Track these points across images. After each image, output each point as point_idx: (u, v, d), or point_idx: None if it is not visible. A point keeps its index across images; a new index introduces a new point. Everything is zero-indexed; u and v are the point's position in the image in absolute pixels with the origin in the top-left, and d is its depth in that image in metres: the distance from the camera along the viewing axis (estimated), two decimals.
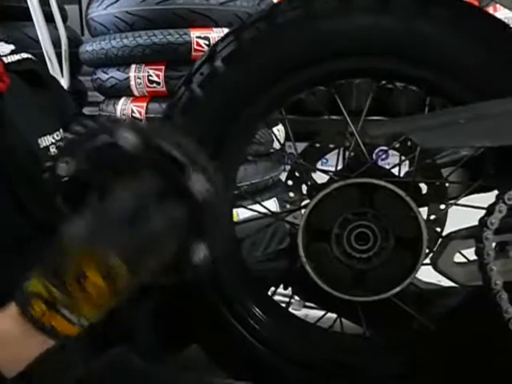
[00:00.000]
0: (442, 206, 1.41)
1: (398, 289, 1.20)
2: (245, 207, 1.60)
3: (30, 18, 2.48)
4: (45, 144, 1.05)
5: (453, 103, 1.16)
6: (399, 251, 1.21)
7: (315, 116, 2.98)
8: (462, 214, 1.31)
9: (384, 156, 3.18)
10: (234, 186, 1.35)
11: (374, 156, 1.38)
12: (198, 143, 1.20)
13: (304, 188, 1.46)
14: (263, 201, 2.48)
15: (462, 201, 1.34)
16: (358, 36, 1.15)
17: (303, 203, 1.42)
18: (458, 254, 1.15)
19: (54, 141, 1.06)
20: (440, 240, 1.24)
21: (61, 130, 1.09)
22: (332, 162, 1.48)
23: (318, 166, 1.51)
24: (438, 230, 1.41)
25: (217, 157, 1.23)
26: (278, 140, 2.20)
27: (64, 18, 2.81)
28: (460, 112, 1.03)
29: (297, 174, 1.48)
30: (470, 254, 1.12)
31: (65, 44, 2.51)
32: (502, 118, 1.00)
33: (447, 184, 1.37)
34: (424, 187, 1.39)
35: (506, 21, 1.18)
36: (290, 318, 1.41)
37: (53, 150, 1.06)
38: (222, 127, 1.22)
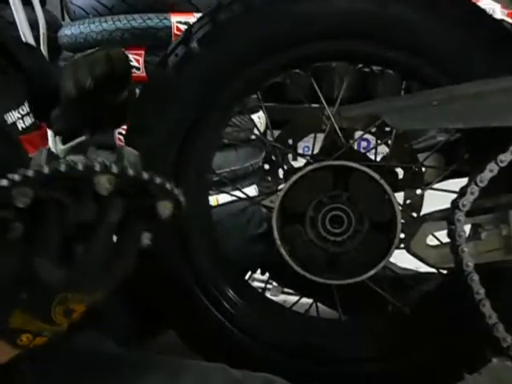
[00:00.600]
0: (418, 191, 1.41)
1: (372, 272, 1.21)
2: (223, 192, 1.60)
3: (6, 1, 2.44)
4: (11, 120, 1.03)
5: (428, 87, 1.16)
6: (374, 234, 1.21)
7: (296, 104, 2.97)
8: (440, 200, 1.32)
9: (366, 144, 3.19)
10: (210, 169, 1.34)
11: (355, 144, 1.38)
12: (173, 125, 1.22)
13: (281, 172, 1.46)
14: (243, 188, 2.48)
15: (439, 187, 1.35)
16: (334, 18, 1.14)
17: (280, 187, 1.42)
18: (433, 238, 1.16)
19: (19, 116, 1.05)
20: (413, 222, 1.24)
21: (26, 104, 1.07)
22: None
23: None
24: (414, 214, 1.41)
25: (191, 139, 1.23)
26: (256, 128, 2.19)
27: (42, 2, 2.78)
28: (433, 94, 1.03)
29: (273, 158, 1.48)
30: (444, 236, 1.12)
31: (43, 27, 2.47)
32: (474, 100, 1.00)
33: (423, 169, 1.38)
34: (401, 172, 1.40)
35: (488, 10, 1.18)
36: (265, 302, 1.41)
37: (20, 125, 1.04)
38: (196, 109, 1.21)
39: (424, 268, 1.35)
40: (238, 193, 1.57)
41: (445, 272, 1.29)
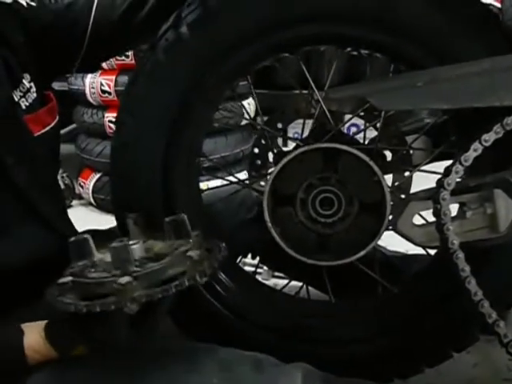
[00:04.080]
0: (406, 173, 1.43)
1: (361, 253, 1.22)
2: (213, 176, 1.61)
3: None
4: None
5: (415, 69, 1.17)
6: (363, 216, 1.23)
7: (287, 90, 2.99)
8: (430, 183, 1.33)
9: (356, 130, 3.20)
10: (199, 152, 1.35)
11: (345, 129, 1.39)
12: (163, 109, 1.23)
13: (271, 156, 1.47)
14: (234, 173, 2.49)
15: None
16: (322, 1, 1.15)
17: (270, 170, 1.43)
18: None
19: (21, 94, 1.12)
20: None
21: (26, 78, 1.13)
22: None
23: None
24: (403, 196, 1.43)
25: (181, 124, 1.24)
26: (247, 113, 2.20)
27: None
28: (418, 75, 1.04)
29: (263, 142, 1.49)
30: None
31: None
32: (458, 81, 1.01)
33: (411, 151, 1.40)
34: (389, 155, 1.41)
35: None
36: (256, 284, 1.43)
37: (23, 103, 1.07)
38: (186, 94, 1.22)
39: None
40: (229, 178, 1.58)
41: (431, 251, 1.31)
